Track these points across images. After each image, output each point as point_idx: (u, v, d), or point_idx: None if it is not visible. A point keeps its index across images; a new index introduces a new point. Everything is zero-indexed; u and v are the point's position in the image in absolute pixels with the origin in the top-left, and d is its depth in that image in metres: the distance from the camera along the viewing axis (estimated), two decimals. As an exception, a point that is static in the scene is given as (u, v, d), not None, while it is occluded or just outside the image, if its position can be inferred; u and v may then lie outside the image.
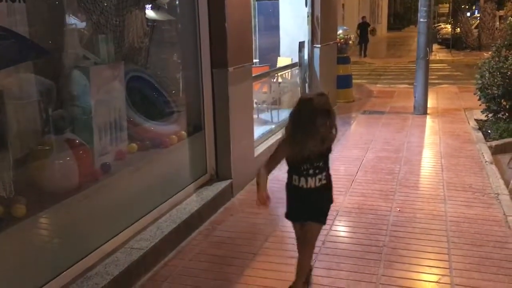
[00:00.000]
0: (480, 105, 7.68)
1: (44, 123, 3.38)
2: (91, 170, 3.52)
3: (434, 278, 3.24)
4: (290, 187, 2.94)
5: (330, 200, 3.02)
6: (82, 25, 4.01)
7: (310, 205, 2.91)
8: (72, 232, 3.18)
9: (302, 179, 2.85)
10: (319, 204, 2.93)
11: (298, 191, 2.89)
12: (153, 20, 4.83)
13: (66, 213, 3.15)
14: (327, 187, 2.94)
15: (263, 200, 2.78)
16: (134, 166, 3.97)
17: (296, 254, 3.60)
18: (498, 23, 22.54)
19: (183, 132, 4.58)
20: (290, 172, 2.92)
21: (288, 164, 2.90)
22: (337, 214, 4.34)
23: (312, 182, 2.85)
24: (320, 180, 2.87)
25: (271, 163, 2.87)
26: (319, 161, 2.85)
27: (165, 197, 4.13)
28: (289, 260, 3.52)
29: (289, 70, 8.16)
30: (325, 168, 2.91)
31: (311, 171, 2.84)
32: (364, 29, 22.33)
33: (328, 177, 2.94)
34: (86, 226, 3.30)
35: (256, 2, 8.65)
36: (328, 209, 3.00)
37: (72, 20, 3.95)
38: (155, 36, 4.75)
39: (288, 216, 3.04)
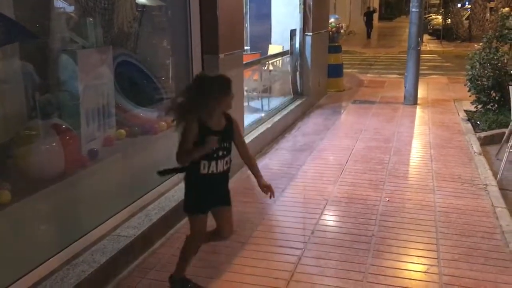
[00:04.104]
0: (470, 96, 7.70)
1: (30, 108, 3.31)
2: (78, 156, 3.46)
3: (423, 268, 3.25)
4: (198, 177, 2.76)
5: (228, 182, 2.94)
6: (69, 8, 3.92)
7: (219, 191, 2.85)
8: (58, 219, 3.13)
9: (213, 163, 2.72)
10: (224, 188, 2.88)
11: (208, 179, 2.75)
12: (143, 5, 4.75)
13: (52, 200, 3.10)
14: (229, 171, 2.86)
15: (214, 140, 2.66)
16: (122, 152, 3.92)
17: (287, 244, 3.60)
18: (488, 14, 22.60)
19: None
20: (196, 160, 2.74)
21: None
22: (326, 203, 4.33)
23: (221, 166, 2.76)
24: (226, 163, 2.79)
25: (186, 146, 2.70)
26: (226, 141, 2.76)
27: (154, 184, 4.08)
28: (278, 249, 3.51)
29: (280, 58, 8.11)
30: (230, 150, 2.82)
31: (220, 153, 2.74)
32: (369, 16, 26.62)
33: (231, 161, 2.85)
34: (72, 213, 3.25)
35: (248, -11, 8.56)
36: (229, 190, 2.93)
37: (59, 3, 3.86)
38: (144, 21, 4.67)
39: (196, 209, 2.85)
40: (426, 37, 24.30)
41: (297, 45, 8.35)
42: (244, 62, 5.57)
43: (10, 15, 3.05)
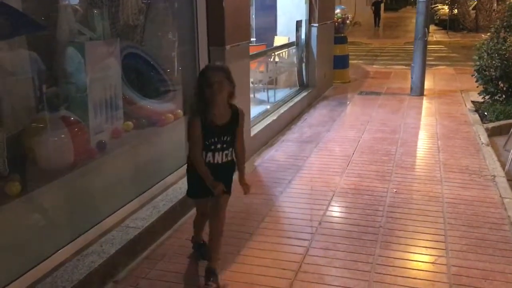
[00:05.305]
0: (477, 87, 7.65)
1: (38, 100, 3.32)
2: (86, 148, 3.47)
3: (431, 259, 3.25)
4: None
5: (233, 173, 3.04)
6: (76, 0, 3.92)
7: (218, 180, 2.88)
8: (67, 211, 3.15)
9: (209, 154, 2.86)
10: (225, 178, 2.93)
11: (208, 167, 2.87)
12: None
13: (61, 191, 3.12)
14: (233, 163, 3.00)
15: (220, 188, 2.86)
16: (130, 144, 3.93)
17: (294, 235, 3.61)
18: (495, 4, 22.38)
19: (179, 111, 4.52)
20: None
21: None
22: (333, 194, 4.33)
23: (219, 158, 2.88)
24: (226, 155, 2.90)
25: (196, 146, 2.83)
26: (226, 135, 2.86)
27: (161, 176, 4.10)
28: (285, 240, 3.52)
29: (286, 49, 8.08)
30: (232, 143, 2.92)
31: (218, 146, 2.85)
32: (377, 6, 27.87)
33: (233, 153, 2.98)
34: (81, 204, 3.27)
35: (253, -20, 8.51)
36: (232, 180, 3.02)
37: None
38: (150, 13, 4.65)
39: (194, 194, 3.07)
40: (432, 27, 24.15)
41: (303, 36, 8.31)
42: (250, 54, 5.56)
43: (18, 7, 3.05)
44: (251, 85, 6.40)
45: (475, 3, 24.24)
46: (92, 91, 3.57)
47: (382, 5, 31.17)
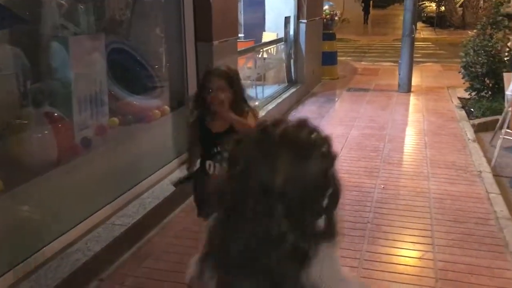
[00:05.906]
0: (464, 83, 7.70)
1: (22, 96, 3.26)
2: (71, 145, 3.42)
3: (417, 254, 3.26)
4: (204, 176, 2.54)
5: None
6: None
7: None
8: (51, 208, 3.10)
9: (218, 165, 2.49)
10: None
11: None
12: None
13: (45, 188, 3.07)
14: None
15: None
16: (115, 141, 3.88)
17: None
18: (482, 1, 22.55)
19: (166, 107, 4.48)
20: (202, 158, 2.59)
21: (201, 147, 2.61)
22: (321, 190, 4.32)
23: None
24: None
25: (191, 148, 2.66)
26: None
27: (148, 172, 4.06)
28: (273, 237, 3.50)
29: (275, 45, 8.05)
30: None
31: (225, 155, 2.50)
32: (367, 2, 28.15)
33: None
34: (66, 201, 3.22)
35: (241, -25, 8.46)
36: None
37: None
38: (137, 8, 4.60)
39: (202, 212, 2.53)
40: (419, 24, 24.24)
41: (291, 32, 8.29)
42: (238, 50, 5.53)
43: (1, 1, 2.99)
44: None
45: (462, 0, 24.42)
46: (77, 87, 3.52)
47: (371, 2, 31.32)
